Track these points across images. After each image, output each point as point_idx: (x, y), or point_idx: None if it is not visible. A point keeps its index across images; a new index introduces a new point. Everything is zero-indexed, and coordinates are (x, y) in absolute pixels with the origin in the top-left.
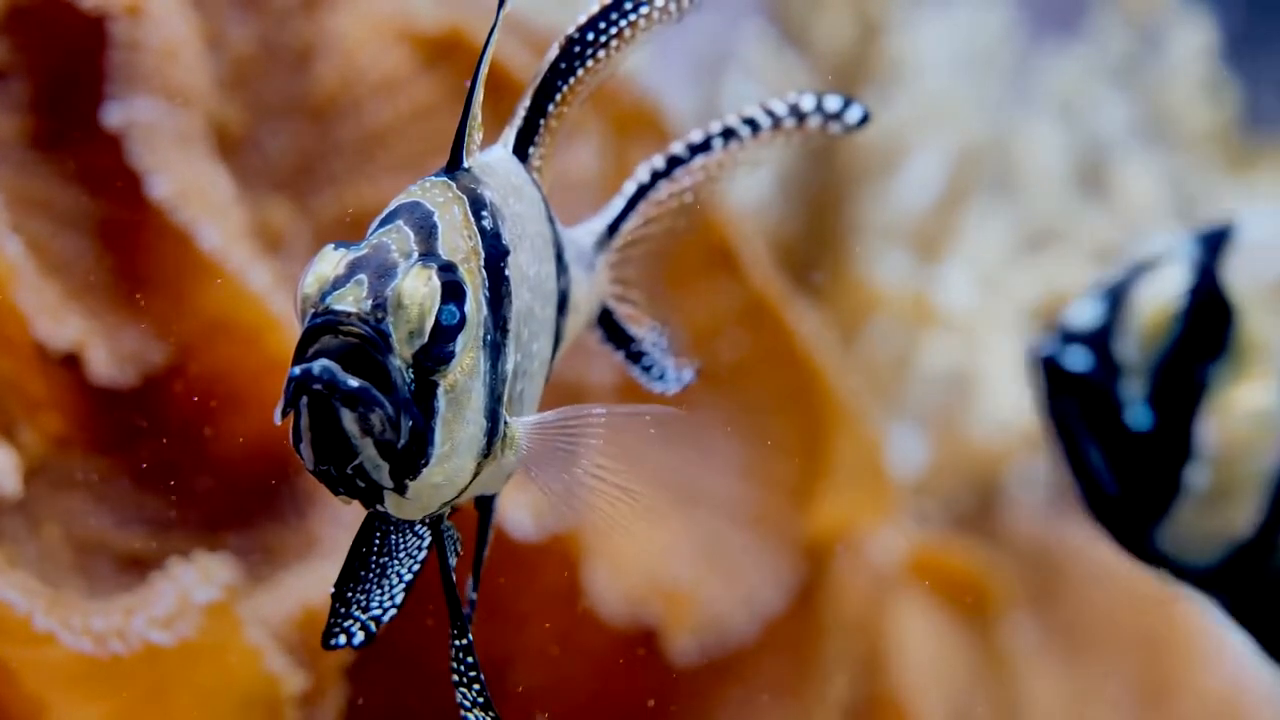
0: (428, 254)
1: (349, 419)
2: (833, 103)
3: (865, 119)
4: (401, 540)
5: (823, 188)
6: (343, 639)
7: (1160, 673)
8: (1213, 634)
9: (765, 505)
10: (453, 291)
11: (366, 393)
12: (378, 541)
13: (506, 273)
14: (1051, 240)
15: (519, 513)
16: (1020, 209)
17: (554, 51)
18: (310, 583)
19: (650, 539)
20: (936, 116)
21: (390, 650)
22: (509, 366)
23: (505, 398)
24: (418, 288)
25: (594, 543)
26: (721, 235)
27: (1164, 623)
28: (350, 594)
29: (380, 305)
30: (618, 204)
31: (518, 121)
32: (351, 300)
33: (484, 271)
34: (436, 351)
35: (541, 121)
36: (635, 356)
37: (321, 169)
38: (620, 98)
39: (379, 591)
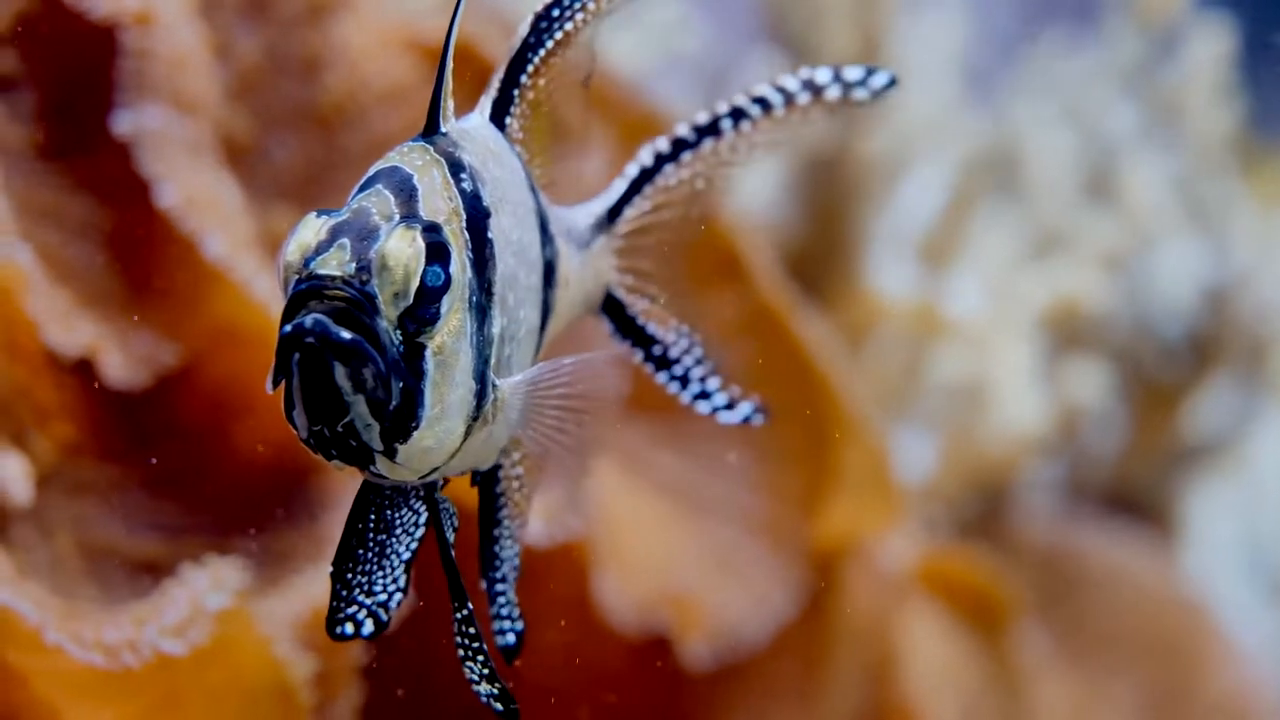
0: (409, 216)
1: (341, 373)
2: (853, 73)
3: (892, 83)
4: (398, 515)
5: (829, 196)
6: (349, 628)
7: (1171, 678)
8: (1224, 639)
9: (775, 513)
10: (437, 252)
11: (359, 345)
12: (374, 517)
13: (489, 235)
14: (1060, 246)
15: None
16: (1029, 215)
17: (525, 26)
18: (321, 584)
19: (661, 546)
20: (942, 124)
21: (403, 648)
22: (495, 329)
23: (493, 360)
24: (402, 249)
25: (604, 550)
26: (730, 243)
27: (1174, 628)
28: (350, 575)
29: (364, 268)
30: (618, 186)
31: (493, 92)
32: (335, 264)
33: (466, 233)
34: (422, 313)
35: (516, 93)
36: (662, 363)
37: (328, 178)
38: (631, 106)
39: (381, 573)
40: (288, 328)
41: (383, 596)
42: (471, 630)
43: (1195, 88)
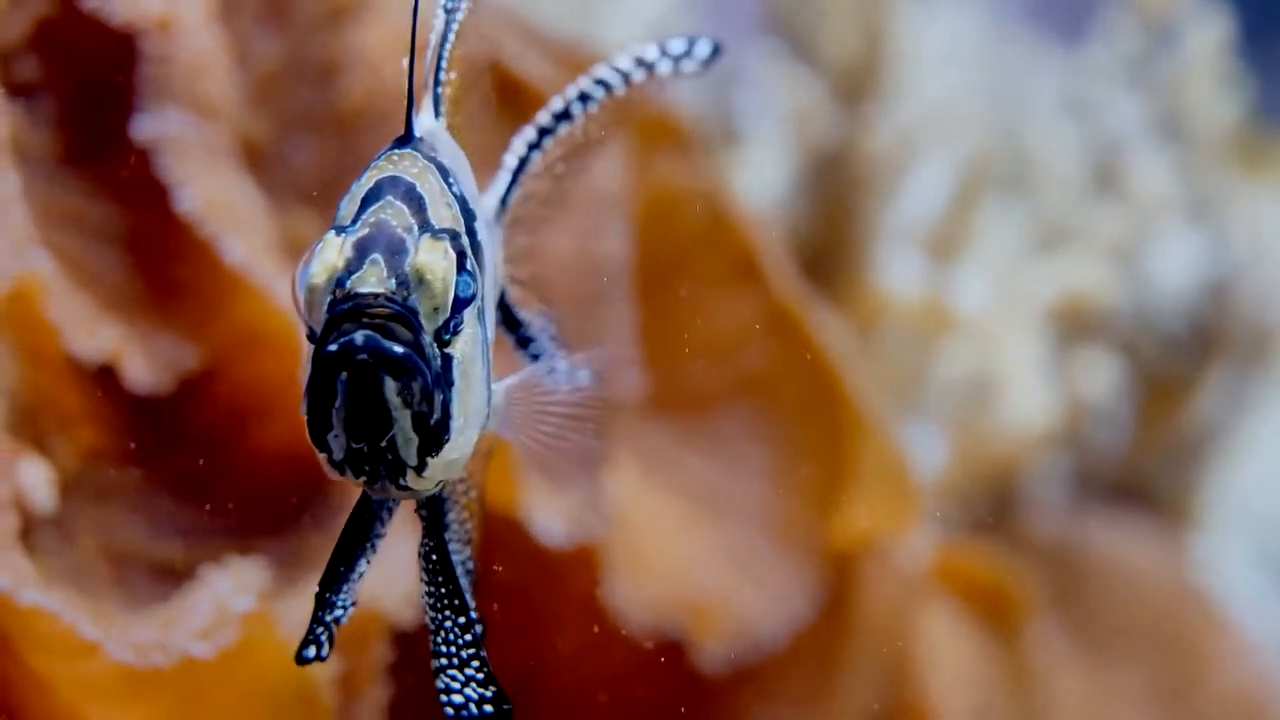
0: (425, 225)
1: (391, 388)
2: (677, 45)
3: (716, 51)
4: (375, 532)
5: (836, 192)
6: (312, 651)
7: (1182, 670)
8: (1234, 630)
9: (792, 513)
10: (463, 261)
11: (411, 360)
12: (360, 536)
13: (478, 238)
14: (1066, 240)
15: (551, 520)
16: (1035, 209)
17: (440, 21)
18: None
19: (677, 548)
20: (947, 119)
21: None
22: (489, 333)
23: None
24: (438, 260)
25: (619, 552)
26: (743, 244)
27: (1185, 619)
28: (330, 596)
29: (403, 283)
30: (504, 178)
31: (430, 91)
32: (375, 281)
33: (467, 237)
34: (453, 323)
35: (439, 91)
36: (523, 343)
37: (347, 182)
38: (643, 108)
39: (345, 590)
40: (333, 347)
41: (339, 612)
42: (468, 638)
43: (1196, 77)
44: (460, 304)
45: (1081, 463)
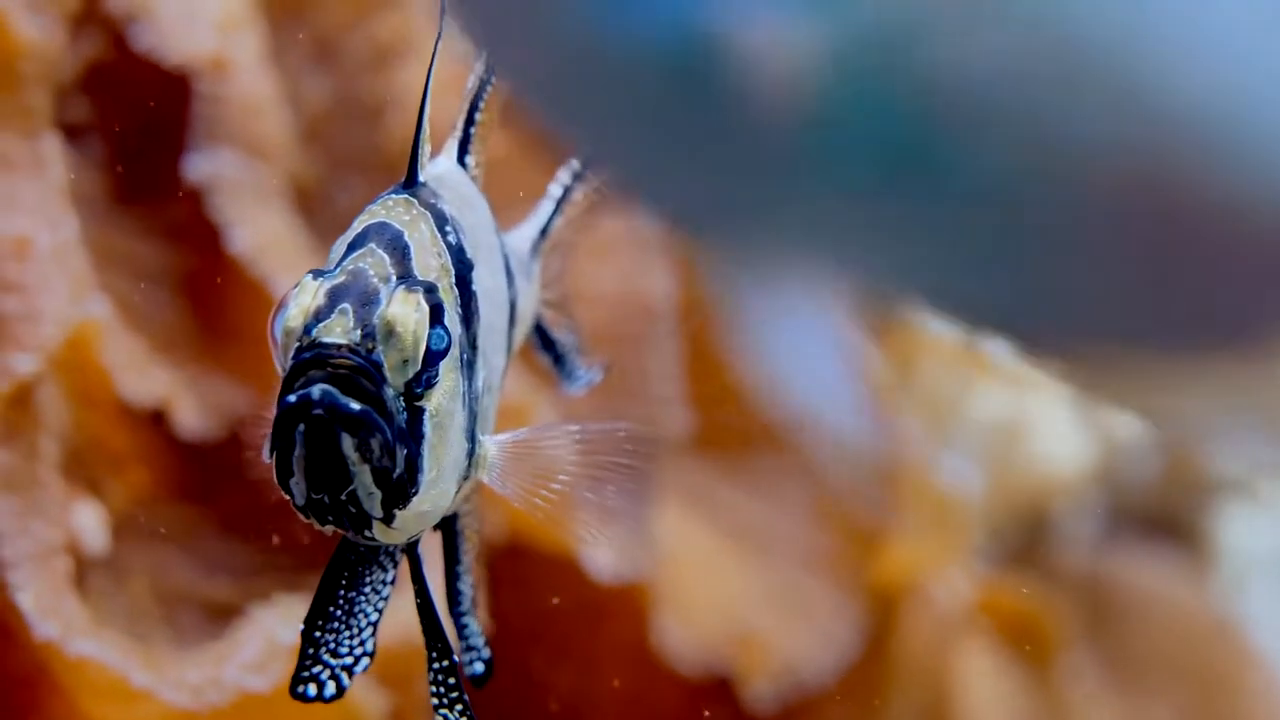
0: (405, 276)
1: (349, 444)
2: None
3: None
4: (367, 573)
5: None
6: (312, 689)
7: (1213, 704)
8: (1266, 666)
9: (836, 549)
10: (438, 314)
11: (368, 416)
12: (347, 575)
13: (473, 288)
14: None
15: (599, 555)
16: None
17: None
18: (387, 618)
19: (723, 585)
20: None
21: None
22: (480, 384)
23: (478, 415)
24: (408, 314)
25: (665, 590)
26: None
27: (1216, 653)
28: (320, 634)
29: (370, 334)
30: (547, 207)
31: (457, 132)
32: (340, 331)
33: (456, 289)
34: (425, 377)
35: (472, 130)
36: (558, 360)
37: None
38: None
39: (347, 633)
40: (292, 398)
41: (348, 660)
42: (451, 681)
43: None
44: (434, 357)
45: (1112, 497)
